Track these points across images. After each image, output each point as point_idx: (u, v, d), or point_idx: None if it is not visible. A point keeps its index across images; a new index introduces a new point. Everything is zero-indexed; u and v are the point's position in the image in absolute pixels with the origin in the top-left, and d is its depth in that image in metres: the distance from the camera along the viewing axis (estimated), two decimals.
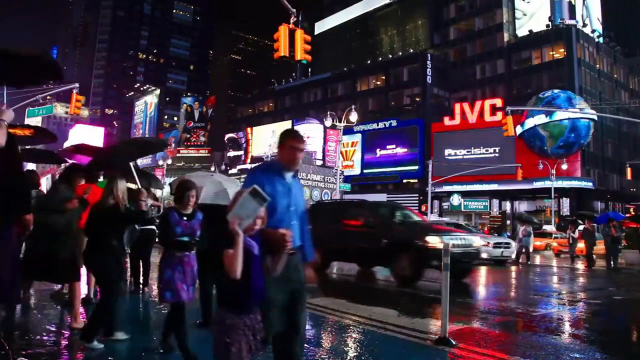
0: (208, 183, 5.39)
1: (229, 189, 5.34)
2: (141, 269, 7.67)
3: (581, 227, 17.79)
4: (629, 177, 34.04)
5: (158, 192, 9.53)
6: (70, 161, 7.45)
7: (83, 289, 6.27)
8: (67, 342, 4.52)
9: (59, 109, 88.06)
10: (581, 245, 17.62)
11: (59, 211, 4.84)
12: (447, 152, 45.26)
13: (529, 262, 17.04)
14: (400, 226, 10.18)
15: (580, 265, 17.24)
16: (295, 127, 51.51)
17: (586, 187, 39.40)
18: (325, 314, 6.17)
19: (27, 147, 7.77)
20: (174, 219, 4.06)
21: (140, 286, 7.45)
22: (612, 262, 15.82)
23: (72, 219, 4.93)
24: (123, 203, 4.36)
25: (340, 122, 29.44)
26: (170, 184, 7.17)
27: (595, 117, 36.19)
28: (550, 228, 30.29)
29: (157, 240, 7.32)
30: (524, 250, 17.06)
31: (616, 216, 19.25)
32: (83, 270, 4.91)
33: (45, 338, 4.61)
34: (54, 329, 5.00)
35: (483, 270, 13.82)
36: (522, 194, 40.78)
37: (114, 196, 4.30)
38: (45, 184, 8.86)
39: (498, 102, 42.36)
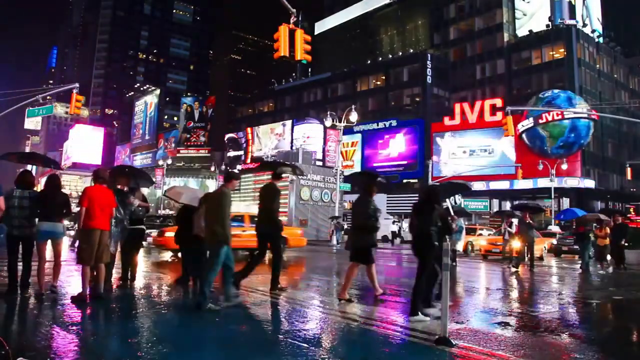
0: (188, 191, 8.26)
1: (200, 196, 7.38)
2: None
3: (515, 220, 14.89)
4: (629, 177, 34.07)
5: (146, 191, 9.74)
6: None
7: (81, 289, 6.27)
8: (67, 342, 4.52)
9: (59, 109, 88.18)
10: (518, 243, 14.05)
11: None
12: (447, 152, 45.27)
13: (454, 264, 13.57)
14: None
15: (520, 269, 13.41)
16: (295, 127, 51.61)
17: (587, 187, 39.40)
18: (325, 314, 6.17)
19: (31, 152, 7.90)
20: None
21: (128, 282, 7.70)
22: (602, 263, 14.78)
23: None
24: None
25: (340, 122, 29.45)
26: (165, 192, 8.43)
27: (586, 115, 36.06)
28: (554, 228, 28.04)
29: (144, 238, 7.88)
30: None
31: (573, 215, 18.10)
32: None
33: (45, 338, 4.61)
34: (53, 328, 5.00)
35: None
36: (522, 194, 40.80)
37: None
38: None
39: (498, 102, 42.38)
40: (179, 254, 9.16)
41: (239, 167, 53.55)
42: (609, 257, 15.50)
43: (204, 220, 6.38)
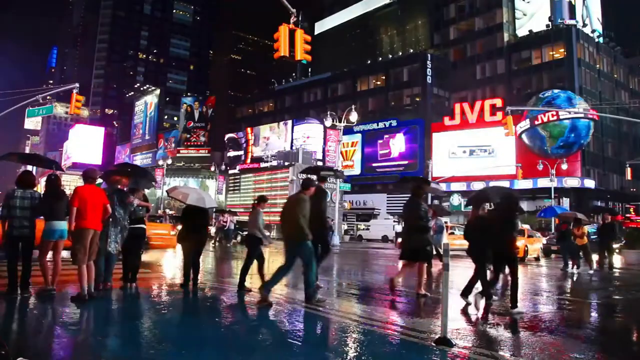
0: (193, 192, 8.47)
1: (205, 197, 8.41)
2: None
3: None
4: (629, 177, 34.06)
5: (146, 191, 9.72)
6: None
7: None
8: (67, 342, 4.52)
9: (59, 109, 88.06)
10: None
11: None
12: (447, 152, 45.27)
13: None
14: None
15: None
16: (295, 127, 51.59)
17: (587, 187, 39.40)
18: (325, 314, 6.18)
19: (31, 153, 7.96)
20: None
21: (128, 283, 7.62)
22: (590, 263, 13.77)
23: None
24: None
25: (340, 122, 29.45)
26: (167, 191, 8.50)
27: (582, 115, 36.02)
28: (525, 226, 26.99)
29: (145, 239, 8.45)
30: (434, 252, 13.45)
31: (553, 213, 17.22)
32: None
33: (45, 338, 4.61)
34: (53, 328, 5.00)
35: None
36: (522, 194, 40.78)
37: None
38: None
39: (498, 102, 42.39)
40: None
41: (238, 166, 53.55)
42: (596, 257, 14.42)
43: (283, 224, 7.11)
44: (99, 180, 7.83)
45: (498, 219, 6.91)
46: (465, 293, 7.09)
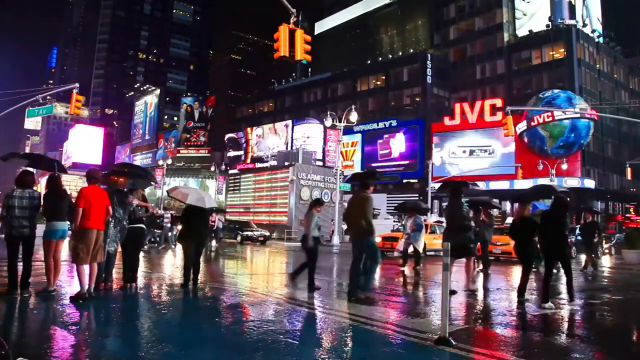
0: (193, 192, 8.58)
1: (205, 197, 8.48)
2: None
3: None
4: (629, 177, 34.07)
5: (146, 191, 9.74)
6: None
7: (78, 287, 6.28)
8: (66, 342, 4.52)
9: (59, 109, 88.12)
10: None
11: None
12: (447, 152, 45.27)
13: (403, 267, 12.19)
14: None
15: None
16: (295, 127, 51.58)
17: (587, 187, 39.39)
18: (325, 314, 6.18)
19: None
20: None
21: (128, 283, 7.55)
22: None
23: None
24: None
25: (340, 122, 29.44)
26: (167, 191, 8.58)
27: (578, 115, 35.96)
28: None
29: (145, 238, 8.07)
30: (411, 250, 12.58)
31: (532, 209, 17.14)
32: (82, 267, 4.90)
33: (45, 338, 4.61)
34: (53, 328, 5.00)
35: None
36: None
37: None
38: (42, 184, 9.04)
39: (498, 102, 42.38)
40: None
41: (238, 166, 53.55)
42: (583, 257, 14.07)
43: (348, 220, 7.78)
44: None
45: (550, 220, 7.23)
46: (520, 293, 7.39)
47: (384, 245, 17.29)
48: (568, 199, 8.19)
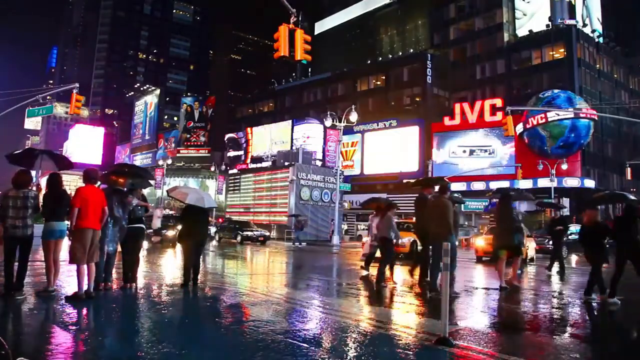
0: (193, 192, 8.56)
1: (205, 197, 8.51)
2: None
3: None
4: (629, 177, 34.03)
5: (146, 191, 9.73)
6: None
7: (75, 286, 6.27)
8: (66, 342, 4.52)
9: (59, 109, 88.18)
10: None
11: None
12: (447, 152, 45.26)
13: (365, 269, 11.08)
14: None
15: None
16: (295, 127, 51.57)
17: (587, 186, 39.37)
18: (325, 314, 6.18)
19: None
20: None
21: (128, 283, 7.54)
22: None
23: None
24: None
25: (340, 122, 29.44)
26: (167, 191, 8.63)
27: (572, 115, 35.86)
28: None
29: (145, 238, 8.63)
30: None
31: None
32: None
33: (44, 338, 4.61)
34: (53, 328, 5.00)
35: None
36: None
37: None
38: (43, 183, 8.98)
39: (498, 102, 42.34)
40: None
41: (238, 166, 53.53)
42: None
43: (431, 222, 8.14)
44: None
45: (622, 225, 7.89)
46: (588, 292, 7.98)
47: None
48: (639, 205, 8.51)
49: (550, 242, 15.18)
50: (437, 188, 9.29)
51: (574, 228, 19.91)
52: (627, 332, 6.40)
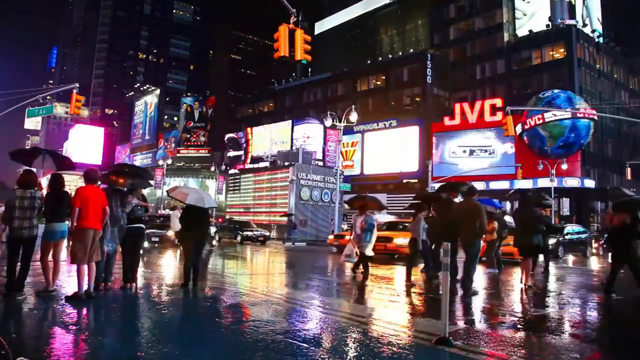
0: (193, 192, 8.59)
1: (205, 197, 8.56)
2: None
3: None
4: (629, 177, 34.03)
5: (146, 191, 9.73)
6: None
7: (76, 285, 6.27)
8: (66, 342, 4.52)
9: (59, 109, 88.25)
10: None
11: None
12: (447, 152, 45.26)
13: (355, 272, 10.75)
14: None
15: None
16: (295, 127, 51.55)
17: (587, 186, 39.38)
18: (325, 314, 6.18)
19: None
20: None
21: (128, 283, 7.53)
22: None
23: None
24: None
25: (340, 122, 29.43)
26: (167, 191, 8.67)
27: (569, 115, 35.86)
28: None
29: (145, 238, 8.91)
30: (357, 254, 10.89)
31: (490, 204, 15.16)
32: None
33: (44, 338, 4.61)
34: (53, 328, 5.00)
35: None
36: None
37: None
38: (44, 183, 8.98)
39: (498, 102, 42.34)
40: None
41: (238, 166, 53.50)
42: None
43: (461, 224, 8.48)
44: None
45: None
46: (607, 290, 8.34)
47: (332, 243, 18.26)
48: None
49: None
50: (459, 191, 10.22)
51: (571, 228, 19.97)
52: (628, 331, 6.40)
